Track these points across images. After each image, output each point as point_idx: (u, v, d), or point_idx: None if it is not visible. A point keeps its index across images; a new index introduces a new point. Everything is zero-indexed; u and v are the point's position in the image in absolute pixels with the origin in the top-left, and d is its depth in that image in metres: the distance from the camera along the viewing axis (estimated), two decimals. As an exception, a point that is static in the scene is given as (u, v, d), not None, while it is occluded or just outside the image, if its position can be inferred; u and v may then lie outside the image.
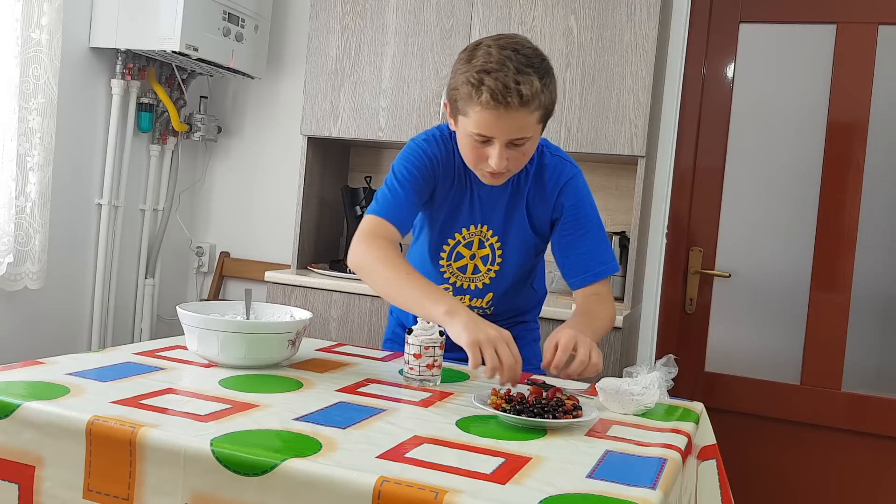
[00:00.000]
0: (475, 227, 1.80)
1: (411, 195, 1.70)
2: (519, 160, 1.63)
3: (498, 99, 1.52)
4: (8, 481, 1.25)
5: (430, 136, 1.78)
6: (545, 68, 1.56)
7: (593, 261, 1.75)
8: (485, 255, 1.82)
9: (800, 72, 2.86)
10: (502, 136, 1.57)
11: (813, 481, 2.83)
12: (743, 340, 2.94)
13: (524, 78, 1.51)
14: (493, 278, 1.84)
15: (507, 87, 1.51)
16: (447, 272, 1.85)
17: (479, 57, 1.55)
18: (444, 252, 1.83)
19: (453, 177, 1.77)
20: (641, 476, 1.14)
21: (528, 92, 1.51)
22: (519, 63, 1.52)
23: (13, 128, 2.60)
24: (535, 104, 1.54)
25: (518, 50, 1.54)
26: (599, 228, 1.78)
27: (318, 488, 1.06)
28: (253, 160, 3.52)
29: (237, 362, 1.58)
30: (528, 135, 1.58)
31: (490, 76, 1.52)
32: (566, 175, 1.76)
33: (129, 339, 3.30)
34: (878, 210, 2.77)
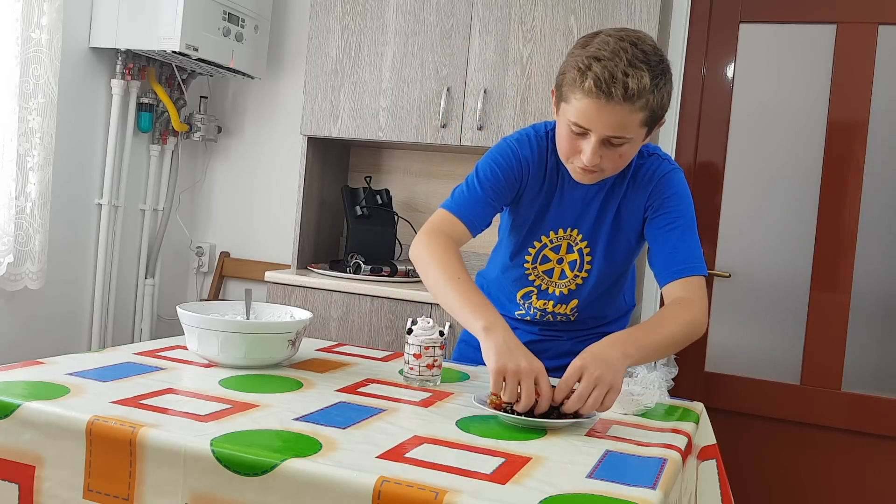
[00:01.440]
0: (564, 231, 1.72)
1: (489, 196, 1.66)
2: (615, 161, 1.54)
3: (602, 87, 1.43)
4: (8, 481, 1.25)
5: (524, 135, 1.71)
6: (662, 69, 1.47)
7: (679, 256, 1.63)
8: (573, 261, 1.74)
9: (800, 72, 2.86)
10: (599, 129, 1.48)
11: (813, 481, 2.84)
12: (743, 340, 2.94)
13: (634, 71, 1.42)
14: (579, 285, 1.76)
15: (613, 77, 1.42)
16: (532, 274, 1.77)
17: (594, 44, 1.47)
18: (529, 255, 1.76)
19: (544, 177, 1.70)
20: (641, 476, 1.14)
21: (635, 86, 1.42)
22: (634, 56, 1.44)
23: (13, 128, 2.60)
24: (641, 102, 1.44)
25: (636, 44, 1.46)
26: (690, 227, 1.66)
27: (318, 488, 1.06)
28: (253, 160, 3.52)
29: (237, 362, 1.58)
30: (628, 135, 1.49)
31: (599, 63, 1.44)
32: (661, 171, 1.67)
33: (129, 339, 3.31)
34: (878, 210, 2.77)
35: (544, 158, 1.69)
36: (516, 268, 1.79)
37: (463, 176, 1.78)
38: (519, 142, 1.70)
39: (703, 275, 1.63)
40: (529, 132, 1.71)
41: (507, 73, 2.78)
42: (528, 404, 1.34)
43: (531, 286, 1.79)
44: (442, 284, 1.54)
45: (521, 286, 1.80)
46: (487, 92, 2.80)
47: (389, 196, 3.17)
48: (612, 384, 1.35)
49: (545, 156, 1.69)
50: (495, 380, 1.36)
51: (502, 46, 2.79)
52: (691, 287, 1.61)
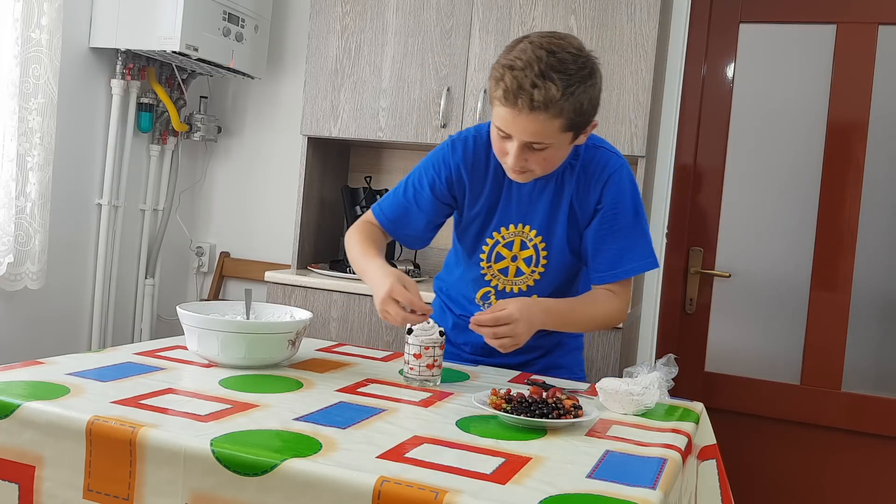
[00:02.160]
0: (514, 227, 1.75)
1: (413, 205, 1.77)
2: (541, 164, 1.58)
3: (509, 98, 1.48)
4: (8, 481, 1.25)
5: (461, 138, 1.75)
6: (582, 75, 1.49)
7: (621, 259, 1.70)
8: (528, 257, 1.76)
9: (800, 72, 2.86)
10: (518, 135, 1.52)
11: (813, 481, 2.83)
12: (743, 340, 2.94)
13: (543, 82, 1.45)
14: (537, 280, 1.78)
15: (521, 88, 1.46)
16: (488, 274, 1.80)
17: (514, 51, 1.51)
18: (483, 253, 1.78)
19: (486, 176, 1.72)
20: (641, 476, 1.14)
21: (541, 98, 1.45)
22: (547, 66, 1.46)
23: (13, 128, 2.60)
24: (553, 111, 1.47)
25: (554, 52, 1.48)
26: (636, 225, 1.71)
27: (318, 488, 1.06)
28: (253, 160, 3.52)
29: (237, 362, 1.58)
30: (548, 141, 1.52)
31: (511, 73, 1.48)
32: (612, 167, 1.69)
33: (129, 339, 3.30)
34: (878, 210, 2.77)
35: (484, 158, 1.72)
36: (473, 268, 1.81)
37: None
38: (454, 146, 1.74)
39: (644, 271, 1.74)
40: (470, 133, 1.75)
41: (507, 73, 2.78)
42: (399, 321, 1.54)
43: (488, 286, 1.81)
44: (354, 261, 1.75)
45: (479, 286, 1.82)
46: (487, 92, 2.80)
47: (389, 196, 3.16)
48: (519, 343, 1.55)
49: (486, 155, 1.72)
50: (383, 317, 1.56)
51: (502, 46, 2.77)
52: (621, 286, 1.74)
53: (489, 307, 1.57)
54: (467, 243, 1.81)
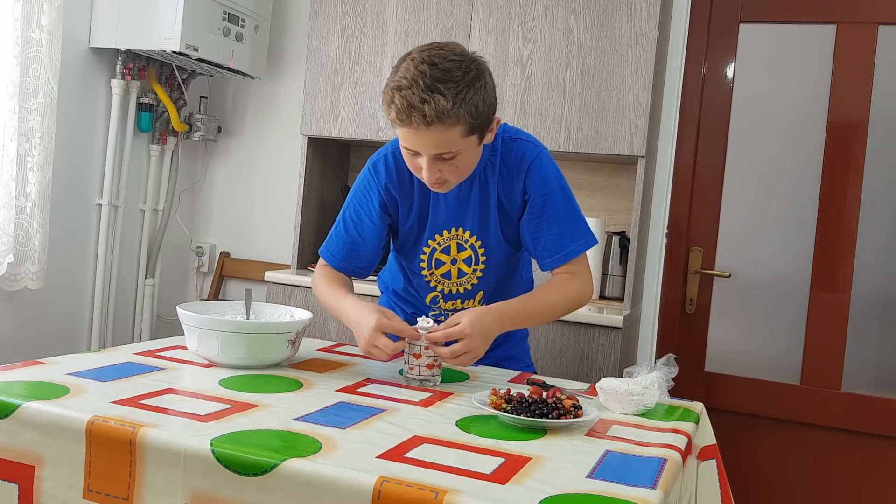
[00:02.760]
0: (448, 232, 1.78)
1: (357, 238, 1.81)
2: (455, 172, 1.61)
3: (403, 118, 1.51)
4: (8, 481, 1.25)
5: (381, 159, 1.79)
6: (468, 81, 1.52)
7: (562, 241, 1.72)
8: (467, 258, 1.80)
9: (800, 72, 2.86)
10: (424, 150, 1.56)
11: (813, 481, 2.83)
12: (743, 340, 2.94)
13: (431, 97, 1.48)
14: (480, 278, 1.82)
15: (411, 107, 1.49)
16: (432, 280, 1.84)
17: (400, 70, 1.54)
18: (423, 262, 1.82)
19: (412, 189, 1.76)
20: (641, 476, 1.14)
21: (432, 112, 1.48)
22: (432, 79, 1.49)
23: (13, 128, 2.60)
24: (449, 121, 1.50)
25: (437, 64, 1.51)
26: (569, 206, 1.74)
27: (318, 488, 1.06)
28: (253, 160, 3.52)
29: (237, 362, 1.58)
30: (453, 149, 1.55)
31: (400, 93, 1.50)
32: (529, 156, 1.72)
33: (129, 339, 3.30)
34: (878, 210, 2.77)
35: (407, 172, 1.74)
36: (416, 276, 1.85)
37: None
38: (375, 170, 1.78)
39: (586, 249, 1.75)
40: (387, 151, 1.78)
41: (507, 73, 2.78)
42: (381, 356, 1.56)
43: (434, 291, 1.85)
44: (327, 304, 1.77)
45: (426, 292, 1.86)
46: None
47: (389, 196, 3.17)
48: (478, 354, 1.57)
49: (406, 173, 1.75)
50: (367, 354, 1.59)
51: (502, 46, 2.79)
52: (575, 264, 1.75)
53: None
54: (406, 255, 1.84)
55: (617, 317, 2.48)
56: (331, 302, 1.75)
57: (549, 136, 2.72)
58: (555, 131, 2.71)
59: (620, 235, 2.86)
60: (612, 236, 2.86)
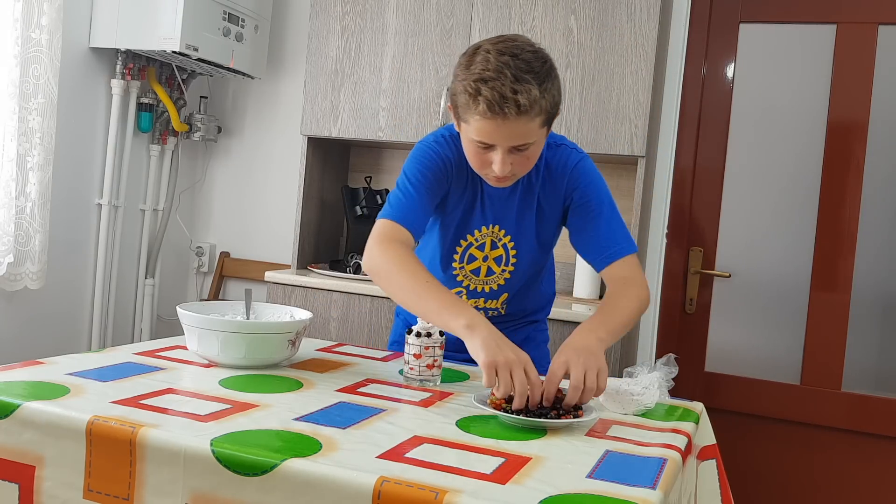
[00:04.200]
0: (487, 228, 1.77)
1: (424, 198, 1.67)
2: (524, 164, 1.60)
3: (494, 110, 1.48)
4: (8, 481, 1.25)
5: (440, 136, 1.74)
6: (546, 71, 1.52)
7: (608, 241, 1.70)
8: (498, 256, 1.78)
9: (800, 72, 2.86)
10: (504, 143, 1.54)
11: (813, 481, 2.83)
12: (743, 340, 2.94)
13: (521, 87, 1.47)
14: (507, 279, 1.81)
15: (503, 98, 1.47)
16: (460, 275, 1.81)
17: (477, 63, 1.51)
18: (456, 255, 1.79)
19: (466, 178, 1.73)
20: (641, 476, 1.14)
21: (526, 101, 1.47)
22: (518, 70, 1.48)
23: (13, 128, 2.60)
24: (535, 111, 1.50)
25: (517, 55, 1.50)
26: (612, 210, 1.73)
27: (318, 488, 1.06)
28: (253, 160, 3.52)
29: (237, 362, 1.58)
30: (531, 140, 1.55)
31: (487, 85, 1.48)
32: (572, 161, 1.72)
33: (129, 339, 3.30)
34: (878, 210, 2.77)
35: (462, 159, 1.70)
36: (446, 268, 1.82)
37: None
38: (438, 143, 1.72)
39: (634, 252, 1.71)
40: (444, 133, 1.74)
41: (507, 73, 2.78)
42: (524, 393, 1.35)
43: (459, 286, 1.82)
44: (412, 290, 1.53)
45: (450, 286, 1.81)
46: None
47: (389, 196, 3.16)
48: (600, 367, 1.41)
49: (462, 157, 1.70)
50: (488, 374, 1.37)
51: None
52: (630, 266, 1.69)
53: None
54: (443, 245, 1.80)
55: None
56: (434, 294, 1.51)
57: (549, 136, 2.72)
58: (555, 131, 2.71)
59: (620, 235, 2.86)
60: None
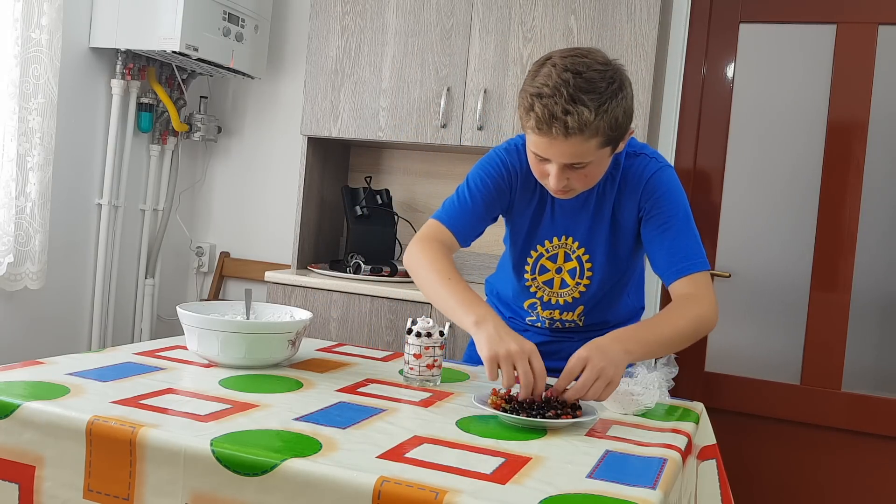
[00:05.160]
0: (558, 239, 1.73)
1: (479, 206, 1.69)
2: (582, 180, 1.55)
3: (542, 127, 1.45)
4: (8, 481, 1.25)
5: (512, 145, 1.72)
6: (612, 91, 1.45)
7: (678, 255, 1.63)
8: (572, 269, 1.74)
9: (800, 72, 2.86)
10: (557, 158, 1.50)
11: (813, 481, 2.83)
12: (743, 340, 2.93)
13: (574, 108, 1.42)
14: (582, 292, 1.76)
15: (553, 117, 1.43)
16: (533, 286, 1.78)
17: (540, 76, 1.48)
18: (527, 265, 1.77)
19: (535, 187, 1.70)
20: (641, 476, 1.14)
21: (575, 124, 1.42)
22: (576, 89, 1.43)
23: (13, 128, 2.60)
24: (589, 132, 1.44)
25: (581, 73, 1.44)
26: (686, 223, 1.65)
27: (318, 488, 1.06)
28: (253, 160, 3.52)
29: (237, 362, 1.58)
30: (587, 160, 1.50)
31: (541, 101, 1.44)
32: (649, 171, 1.66)
33: (129, 339, 3.30)
34: (878, 210, 2.77)
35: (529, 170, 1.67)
36: (519, 279, 1.80)
37: (463, 176, 1.78)
38: (507, 151, 1.71)
39: (705, 269, 1.63)
40: (517, 142, 1.72)
41: (507, 74, 2.78)
42: (528, 384, 1.36)
43: (533, 297, 1.80)
44: (434, 284, 1.58)
45: (525, 297, 1.81)
46: (487, 92, 2.80)
47: (389, 196, 3.17)
48: (613, 378, 1.39)
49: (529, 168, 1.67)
50: (489, 367, 1.38)
51: (502, 46, 2.79)
52: (697, 283, 1.61)
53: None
54: (514, 253, 1.78)
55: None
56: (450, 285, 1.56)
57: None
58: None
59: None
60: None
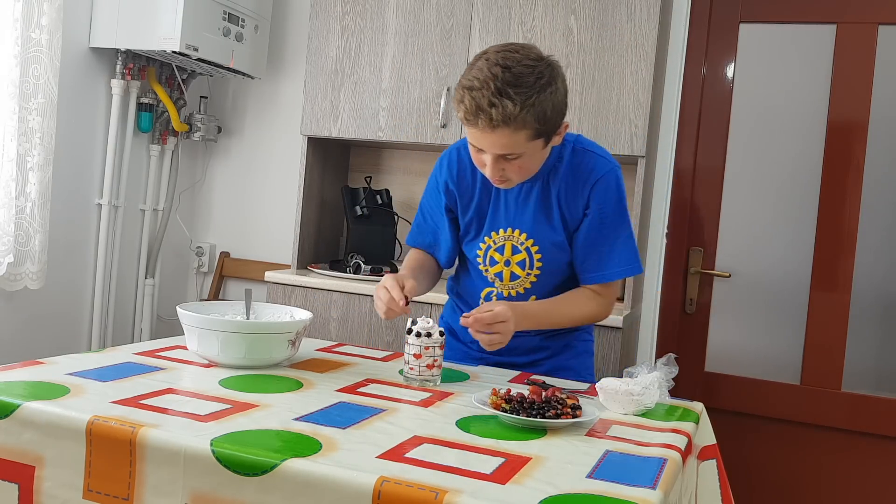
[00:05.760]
0: (504, 231, 1.78)
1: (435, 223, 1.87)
2: (518, 172, 1.63)
3: (470, 119, 1.54)
4: (8, 481, 1.25)
5: (444, 158, 1.84)
6: (539, 86, 1.52)
7: (608, 262, 1.75)
8: (521, 261, 1.79)
9: (800, 72, 2.86)
10: (489, 149, 1.58)
11: (813, 481, 2.83)
12: (743, 340, 2.93)
13: (500, 101, 1.49)
14: (533, 282, 1.81)
15: (479, 109, 1.51)
16: (489, 277, 1.84)
17: (474, 69, 1.55)
18: (479, 258, 1.83)
19: (474, 185, 1.79)
20: (641, 476, 1.14)
21: (499, 116, 1.50)
22: (504, 83, 1.50)
23: (13, 128, 2.60)
24: (515, 125, 1.51)
25: (510, 67, 1.52)
26: (624, 230, 1.75)
27: (318, 488, 1.06)
28: (253, 160, 3.52)
29: (237, 362, 1.58)
30: (517, 151, 1.57)
31: (470, 94, 1.52)
32: (599, 171, 1.73)
33: (129, 339, 3.30)
34: (878, 210, 2.77)
35: (470, 168, 1.78)
36: (474, 273, 1.88)
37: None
38: (441, 164, 1.85)
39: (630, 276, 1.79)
40: (451, 152, 1.84)
41: (507, 73, 2.78)
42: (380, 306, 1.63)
43: (490, 287, 1.86)
44: None
45: (480, 290, 1.88)
46: None
47: (389, 196, 3.17)
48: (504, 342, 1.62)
49: (469, 169, 1.79)
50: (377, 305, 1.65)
51: (502, 46, 2.79)
52: (606, 288, 1.79)
53: None
54: (467, 248, 1.86)
55: (617, 317, 2.48)
56: None
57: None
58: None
59: (620, 235, 2.86)
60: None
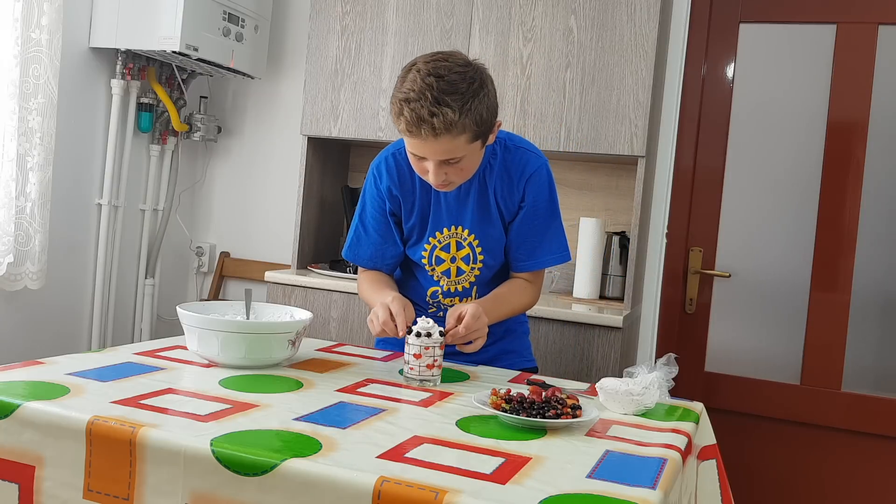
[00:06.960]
0: (448, 230, 1.85)
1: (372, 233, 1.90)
2: (460, 174, 1.69)
3: (412, 130, 1.57)
4: (8, 481, 1.25)
5: (382, 160, 1.86)
6: (472, 91, 1.58)
7: (540, 251, 1.85)
8: (465, 256, 1.86)
9: (800, 72, 2.86)
10: (432, 157, 1.63)
11: (813, 481, 2.83)
12: (743, 340, 2.93)
13: (440, 109, 1.54)
14: (477, 276, 1.89)
15: (421, 119, 1.55)
16: (435, 276, 1.90)
17: (407, 81, 1.60)
18: (424, 259, 1.88)
19: (414, 188, 1.84)
20: (641, 476, 1.14)
21: (441, 124, 1.55)
22: (440, 92, 1.55)
23: (13, 128, 2.60)
24: (456, 131, 1.57)
25: (443, 76, 1.57)
26: (555, 221, 1.86)
27: (318, 488, 1.06)
28: (253, 160, 3.52)
29: (237, 362, 1.58)
30: (460, 154, 1.63)
31: (409, 106, 1.56)
32: (532, 166, 1.81)
33: (129, 339, 3.30)
34: (878, 210, 2.77)
35: (408, 172, 1.83)
36: (421, 272, 1.92)
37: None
38: (378, 170, 1.87)
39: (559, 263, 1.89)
40: (387, 154, 1.87)
41: (507, 73, 2.78)
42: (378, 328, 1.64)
43: (436, 286, 1.90)
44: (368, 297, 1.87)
45: (429, 286, 1.91)
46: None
47: (389, 196, 3.17)
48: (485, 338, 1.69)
49: (408, 173, 1.83)
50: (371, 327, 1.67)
51: (502, 46, 2.79)
52: (536, 276, 1.90)
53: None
54: (411, 251, 1.91)
55: (617, 317, 2.48)
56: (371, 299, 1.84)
57: (549, 136, 2.72)
58: (555, 131, 2.71)
59: (620, 235, 2.86)
60: (612, 236, 2.86)
